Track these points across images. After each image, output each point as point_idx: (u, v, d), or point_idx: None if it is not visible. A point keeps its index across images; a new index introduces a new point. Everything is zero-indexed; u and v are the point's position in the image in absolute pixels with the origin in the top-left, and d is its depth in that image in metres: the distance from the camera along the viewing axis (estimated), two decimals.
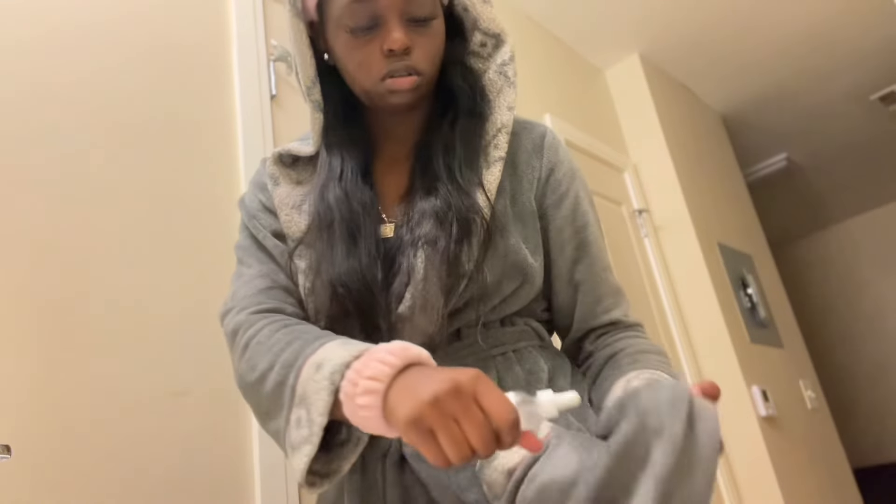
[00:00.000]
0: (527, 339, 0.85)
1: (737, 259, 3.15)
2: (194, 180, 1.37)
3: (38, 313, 1.06)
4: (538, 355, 0.84)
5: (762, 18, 3.20)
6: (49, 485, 0.99)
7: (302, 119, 1.61)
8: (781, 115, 4.00)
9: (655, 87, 3.26)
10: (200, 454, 1.18)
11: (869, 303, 5.47)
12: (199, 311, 1.27)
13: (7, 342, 1.02)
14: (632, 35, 3.16)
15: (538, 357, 0.83)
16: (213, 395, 1.23)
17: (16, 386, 1.00)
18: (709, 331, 2.76)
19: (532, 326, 0.86)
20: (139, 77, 1.36)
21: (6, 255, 1.06)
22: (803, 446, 2.84)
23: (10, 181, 1.10)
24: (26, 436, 0.99)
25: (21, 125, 1.15)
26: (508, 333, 0.83)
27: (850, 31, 3.36)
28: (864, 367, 5.40)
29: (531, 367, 0.81)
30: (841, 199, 5.31)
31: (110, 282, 1.17)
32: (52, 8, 1.27)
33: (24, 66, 1.19)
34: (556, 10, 2.93)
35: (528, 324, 0.86)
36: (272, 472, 1.26)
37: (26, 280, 1.07)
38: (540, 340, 0.87)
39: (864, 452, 5.23)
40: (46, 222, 1.13)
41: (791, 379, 3.07)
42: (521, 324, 0.85)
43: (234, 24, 1.60)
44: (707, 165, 3.41)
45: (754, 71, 3.58)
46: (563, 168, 0.88)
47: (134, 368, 1.14)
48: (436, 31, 0.81)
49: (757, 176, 4.57)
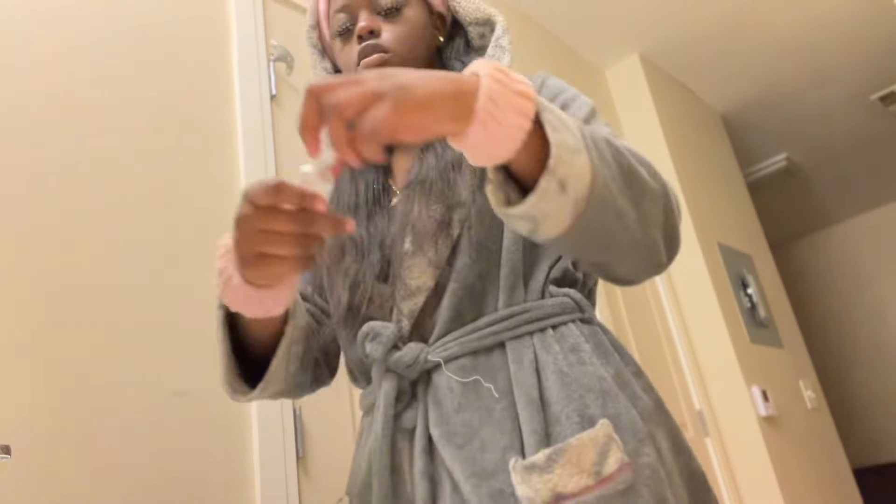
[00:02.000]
0: (568, 312, 0.79)
1: (737, 259, 3.15)
2: (194, 180, 1.37)
3: (38, 313, 1.06)
4: (578, 332, 0.78)
5: (762, 18, 3.20)
6: (49, 485, 0.99)
7: None
8: (781, 115, 4.00)
9: (655, 87, 3.26)
10: (200, 454, 1.18)
11: (869, 303, 5.47)
12: (199, 310, 1.27)
13: (7, 342, 1.02)
14: (632, 35, 3.16)
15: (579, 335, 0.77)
16: (213, 395, 1.23)
17: (16, 386, 1.00)
18: (709, 331, 2.76)
19: (573, 297, 0.80)
20: (139, 77, 1.36)
21: (6, 255, 1.06)
22: (803, 446, 2.84)
23: (10, 181, 1.10)
24: (26, 436, 0.99)
25: (21, 125, 1.15)
26: (548, 306, 0.77)
27: (850, 31, 3.37)
28: (865, 367, 5.40)
29: (572, 350, 0.76)
30: (841, 199, 5.31)
31: (110, 282, 1.17)
32: (51, 8, 1.27)
33: (25, 66, 1.19)
34: (556, 9, 2.93)
35: (568, 294, 0.80)
36: (272, 471, 1.26)
37: (26, 280, 1.07)
38: (581, 313, 0.80)
39: (864, 452, 5.23)
40: (47, 223, 1.13)
41: (791, 379, 3.07)
42: (560, 295, 0.79)
43: (234, 24, 1.60)
44: (707, 165, 3.41)
45: (754, 71, 3.58)
46: (564, 96, 0.87)
47: (134, 368, 1.14)
48: (406, 17, 0.87)
49: (757, 176, 4.57)
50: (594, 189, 0.56)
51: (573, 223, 0.57)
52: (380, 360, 0.77)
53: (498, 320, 0.76)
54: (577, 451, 0.66)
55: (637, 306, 2.59)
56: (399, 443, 0.78)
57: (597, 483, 0.65)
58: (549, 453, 0.66)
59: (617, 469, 0.65)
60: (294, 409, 1.35)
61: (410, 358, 0.77)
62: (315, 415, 1.38)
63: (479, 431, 0.72)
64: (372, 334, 0.78)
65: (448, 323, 0.78)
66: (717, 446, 2.55)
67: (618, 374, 0.76)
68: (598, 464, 0.66)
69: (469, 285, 0.78)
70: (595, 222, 0.58)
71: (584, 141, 0.57)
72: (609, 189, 0.58)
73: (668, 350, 2.64)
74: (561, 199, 0.55)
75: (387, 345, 0.77)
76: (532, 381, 0.72)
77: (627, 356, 0.81)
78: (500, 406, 0.72)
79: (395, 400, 0.77)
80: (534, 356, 0.74)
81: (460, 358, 0.76)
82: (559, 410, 0.70)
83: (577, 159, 0.55)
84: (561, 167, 0.54)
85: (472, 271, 0.78)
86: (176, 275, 1.26)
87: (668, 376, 2.55)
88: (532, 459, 0.67)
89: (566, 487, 0.64)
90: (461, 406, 0.74)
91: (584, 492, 0.64)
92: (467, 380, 0.75)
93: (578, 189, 0.55)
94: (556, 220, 0.56)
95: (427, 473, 0.74)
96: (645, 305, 2.65)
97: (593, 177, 0.56)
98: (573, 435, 0.68)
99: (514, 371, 0.73)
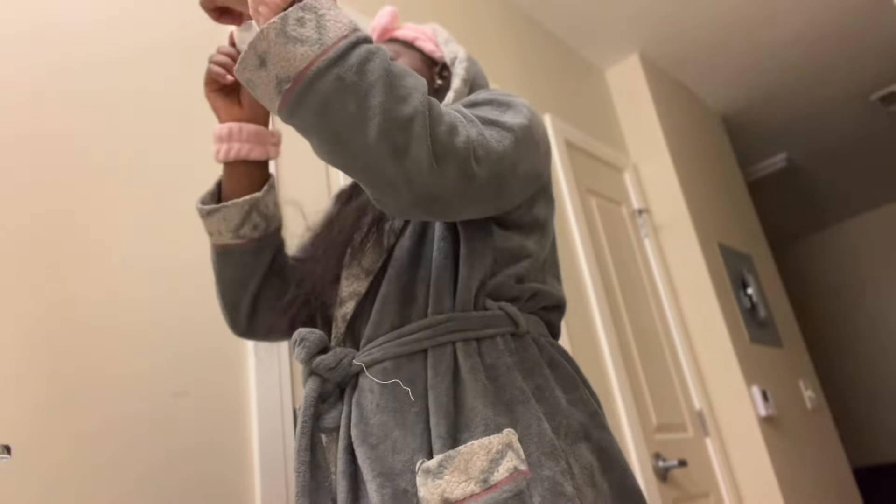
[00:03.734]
0: (497, 325, 0.80)
1: (737, 259, 3.15)
2: (195, 181, 1.37)
3: (38, 313, 1.06)
4: (504, 347, 0.79)
5: (762, 18, 3.20)
6: (49, 485, 0.99)
7: None
8: (781, 115, 4.00)
9: (655, 87, 3.26)
10: (200, 454, 1.18)
11: (869, 303, 5.47)
12: (199, 310, 1.27)
13: (7, 342, 1.02)
14: (632, 35, 3.16)
15: (503, 350, 0.79)
16: (213, 395, 1.23)
17: (16, 386, 1.00)
18: (709, 331, 2.76)
19: (507, 311, 0.82)
20: (138, 77, 1.36)
21: (6, 254, 1.06)
22: (803, 446, 2.84)
23: (10, 180, 1.11)
24: (26, 436, 0.99)
25: (21, 124, 1.15)
26: (475, 318, 0.79)
27: (849, 31, 3.37)
28: (864, 367, 5.40)
29: (492, 362, 0.77)
30: (841, 199, 5.31)
31: (111, 282, 1.17)
32: (52, 8, 1.27)
33: (24, 65, 1.19)
34: (556, 9, 2.93)
35: (503, 308, 0.82)
36: (272, 471, 1.26)
37: (27, 280, 1.07)
38: (514, 327, 0.82)
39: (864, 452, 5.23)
40: (47, 222, 1.13)
41: (791, 379, 3.08)
42: (494, 308, 0.81)
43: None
44: (707, 165, 3.42)
45: (754, 71, 3.58)
46: (484, 93, 0.91)
47: (134, 368, 1.14)
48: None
49: (757, 176, 4.57)
50: (312, 84, 0.64)
51: (283, 105, 0.65)
52: (304, 362, 0.81)
53: (423, 328, 0.79)
54: (465, 458, 0.68)
55: (637, 306, 2.59)
56: (326, 441, 0.82)
57: (483, 490, 0.66)
58: (441, 459, 0.68)
59: (506, 477, 0.66)
60: (294, 409, 1.36)
61: (332, 361, 0.80)
62: None
63: (393, 432, 0.74)
64: (299, 339, 0.82)
65: (376, 328, 0.81)
66: (717, 446, 2.55)
67: (539, 388, 0.77)
68: (487, 471, 0.67)
69: (398, 293, 0.81)
70: (315, 118, 0.65)
71: (334, 48, 0.64)
72: (344, 98, 0.63)
73: (668, 350, 2.64)
74: (262, 73, 0.66)
75: (311, 349, 0.81)
76: (445, 387, 0.74)
77: (563, 371, 0.82)
78: (415, 410, 0.74)
79: (320, 401, 0.81)
80: (452, 363, 0.76)
81: (383, 362, 0.79)
82: (471, 418, 0.72)
83: (295, 48, 0.64)
84: (262, 44, 0.65)
85: (402, 279, 0.82)
86: (176, 275, 1.26)
87: (668, 376, 2.55)
88: (428, 464, 0.69)
89: (453, 494, 0.66)
90: (379, 407, 0.76)
91: (468, 499, 0.65)
92: (386, 382, 0.77)
93: (282, 70, 0.64)
94: (264, 94, 0.67)
95: (348, 472, 0.76)
96: (645, 305, 2.65)
97: (315, 72, 0.63)
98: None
99: (430, 377, 0.75)
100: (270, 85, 0.66)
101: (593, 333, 2.29)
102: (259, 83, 0.67)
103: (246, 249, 0.92)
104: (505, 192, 0.76)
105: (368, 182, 0.67)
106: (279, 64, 0.65)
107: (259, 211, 0.91)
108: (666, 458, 2.27)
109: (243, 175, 0.91)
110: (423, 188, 0.66)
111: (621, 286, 2.55)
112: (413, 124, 0.64)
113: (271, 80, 0.65)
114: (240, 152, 0.89)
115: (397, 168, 0.64)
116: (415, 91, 0.66)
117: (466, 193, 0.69)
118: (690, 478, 2.35)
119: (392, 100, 0.64)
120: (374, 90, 0.64)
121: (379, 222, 0.87)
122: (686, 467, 2.34)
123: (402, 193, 0.67)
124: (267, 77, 0.65)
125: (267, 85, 0.66)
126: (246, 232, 0.91)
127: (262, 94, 0.67)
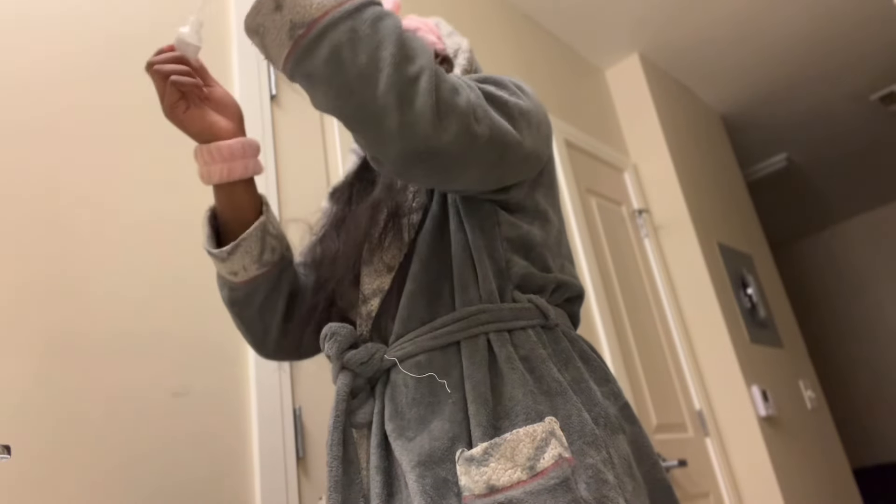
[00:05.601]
0: (527, 317, 0.80)
1: (737, 259, 3.15)
2: (194, 181, 1.37)
3: (38, 313, 1.06)
4: (536, 339, 0.79)
5: (762, 19, 3.20)
6: (49, 485, 0.99)
7: (302, 119, 1.61)
8: (781, 115, 4.00)
9: (655, 87, 3.26)
10: (200, 454, 1.18)
11: (869, 303, 5.47)
12: (199, 310, 1.27)
13: (7, 342, 1.02)
14: (632, 35, 3.16)
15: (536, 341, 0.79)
16: (213, 395, 1.23)
17: (16, 386, 1.00)
18: (709, 331, 2.76)
19: (536, 304, 0.82)
20: (138, 76, 1.36)
21: (6, 254, 1.06)
22: (803, 446, 2.84)
23: (10, 180, 1.11)
24: (26, 436, 0.99)
25: (22, 124, 1.15)
26: (506, 310, 0.79)
27: (850, 32, 3.37)
28: (864, 367, 5.40)
29: (527, 354, 0.77)
30: (841, 199, 5.32)
31: (111, 281, 1.17)
32: (50, 8, 1.27)
33: (24, 64, 1.19)
34: (555, 9, 2.93)
35: (532, 301, 0.82)
36: (272, 471, 1.26)
37: (26, 280, 1.07)
38: (543, 319, 0.82)
39: (864, 452, 5.23)
40: (47, 222, 1.13)
41: (791, 379, 3.08)
42: (523, 301, 0.81)
43: (234, 24, 1.60)
44: (707, 165, 3.42)
45: (754, 71, 3.58)
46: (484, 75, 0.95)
47: (134, 368, 1.14)
48: None
49: (757, 176, 4.58)
50: (326, 32, 0.65)
51: (293, 51, 0.66)
52: (335, 357, 0.81)
53: (455, 320, 0.79)
54: (511, 446, 0.67)
55: (637, 306, 2.59)
56: (357, 437, 0.81)
57: (529, 478, 0.66)
58: (486, 447, 0.68)
59: (552, 464, 0.66)
60: (294, 409, 1.36)
61: (365, 355, 0.80)
62: (315, 415, 1.38)
63: (430, 424, 0.74)
64: (329, 334, 0.82)
65: (405, 323, 0.81)
66: (717, 446, 2.55)
67: (575, 380, 0.77)
68: (533, 459, 0.67)
69: (424, 287, 0.81)
70: (325, 66, 0.65)
71: (351, 1, 0.66)
72: (356, 48, 0.64)
73: (668, 350, 2.64)
74: (276, 16, 0.66)
75: (342, 344, 0.81)
76: (482, 376, 0.74)
77: (595, 364, 0.83)
78: (452, 400, 0.74)
79: (352, 396, 0.81)
80: (487, 354, 0.77)
81: (417, 356, 0.79)
82: (510, 406, 0.72)
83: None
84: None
85: (426, 274, 0.82)
86: (176, 275, 1.26)
87: (668, 376, 2.55)
88: (471, 452, 0.68)
89: (499, 481, 0.66)
90: (415, 401, 0.76)
91: (515, 486, 0.65)
92: (421, 375, 0.77)
93: (297, 15, 0.65)
94: (274, 39, 0.67)
95: (382, 468, 0.76)
96: (645, 305, 2.65)
97: (330, 21, 0.65)
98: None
99: (466, 366, 0.75)
100: (283, 29, 0.66)
101: (593, 333, 2.29)
102: (271, 27, 0.67)
103: (272, 275, 0.89)
104: (506, 160, 0.75)
105: (370, 133, 0.67)
106: (295, 9, 0.66)
107: (269, 232, 0.88)
108: (666, 458, 2.27)
109: (244, 192, 0.86)
110: (424, 141, 0.66)
111: (621, 286, 2.55)
112: (420, 79, 0.65)
113: (285, 24, 0.66)
114: (246, 169, 0.84)
115: (401, 118, 0.65)
116: (423, 52, 0.68)
117: (468, 152, 0.69)
118: (690, 478, 2.35)
119: (402, 55, 0.65)
120: (385, 44, 0.65)
121: (396, 217, 0.85)
122: (686, 467, 2.34)
123: (404, 144, 0.67)
124: (281, 21, 0.66)
125: (279, 30, 0.66)
126: (267, 258, 0.88)
127: (272, 40, 0.67)
